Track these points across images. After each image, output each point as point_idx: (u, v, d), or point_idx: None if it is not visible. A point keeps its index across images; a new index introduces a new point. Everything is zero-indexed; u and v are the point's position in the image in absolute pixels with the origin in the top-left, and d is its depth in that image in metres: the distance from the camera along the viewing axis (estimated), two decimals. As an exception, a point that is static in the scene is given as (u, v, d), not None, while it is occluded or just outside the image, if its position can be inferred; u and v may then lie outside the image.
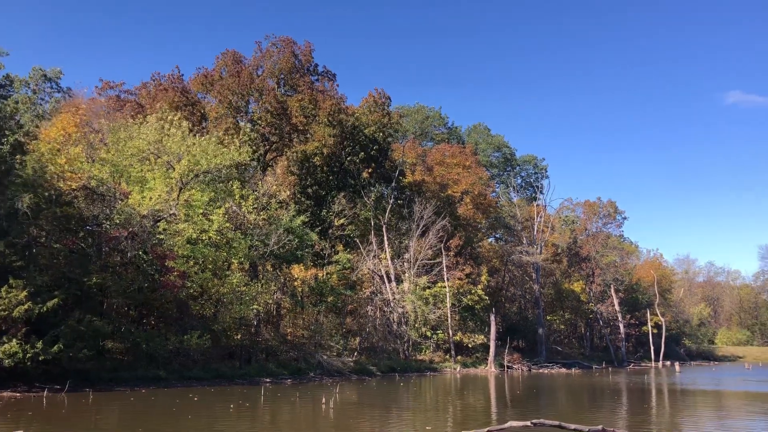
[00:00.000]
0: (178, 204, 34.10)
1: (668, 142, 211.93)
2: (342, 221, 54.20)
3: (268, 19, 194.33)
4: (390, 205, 61.37)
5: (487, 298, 62.34)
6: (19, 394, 25.26)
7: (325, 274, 49.35)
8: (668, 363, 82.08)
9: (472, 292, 60.35)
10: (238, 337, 40.03)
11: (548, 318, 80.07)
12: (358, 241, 58.27)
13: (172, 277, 31.55)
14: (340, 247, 53.61)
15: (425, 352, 57.03)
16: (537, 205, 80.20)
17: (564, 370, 63.14)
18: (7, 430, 16.44)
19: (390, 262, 58.34)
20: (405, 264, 59.19)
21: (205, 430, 17.69)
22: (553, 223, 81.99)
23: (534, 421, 15.84)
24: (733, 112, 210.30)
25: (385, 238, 59.40)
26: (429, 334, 56.61)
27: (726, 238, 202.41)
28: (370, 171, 60.54)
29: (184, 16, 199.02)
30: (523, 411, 23.00)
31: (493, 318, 59.22)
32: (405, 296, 56.07)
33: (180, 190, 35.14)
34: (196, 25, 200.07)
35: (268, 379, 37.11)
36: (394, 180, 61.90)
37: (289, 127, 51.91)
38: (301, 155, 54.63)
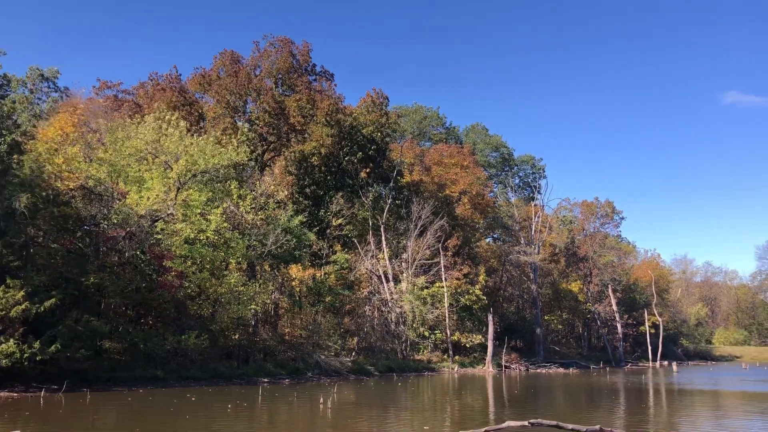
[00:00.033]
0: (175, 204, 34.09)
1: (666, 142, 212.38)
2: (340, 221, 54.20)
3: (267, 19, 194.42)
4: (388, 205, 61.34)
5: (485, 298, 62.38)
6: (16, 394, 25.23)
7: (323, 274, 49.33)
8: (666, 363, 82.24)
9: (470, 292, 60.39)
10: (236, 337, 40.06)
11: (546, 318, 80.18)
12: (356, 241, 58.23)
13: (170, 277, 31.53)
14: (338, 247, 53.56)
15: (423, 352, 57.03)
16: (535, 205, 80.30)
17: (562, 370, 63.22)
18: (5, 430, 16.42)
19: (388, 262, 58.34)
20: (403, 264, 59.17)
21: (202, 430, 17.68)
22: (551, 223, 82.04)
23: (531, 420, 15.86)
24: (730, 113, 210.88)
25: (383, 238, 59.39)
26: (427, 334, 56.62)
27: (723, 238, 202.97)
28: (368, 171, 60.53)
29: (183, 16, 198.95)
30: (521, 411, 23.02)
31: (490, 318, 59.32)
32: (403, 296, 56.05)
33: (178, 190, 35.13)
34: (195, 25, 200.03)
35: (265, 379, 37.09)
36: (392, 180, 61.94)
37: (287, 126, 51.92)
38: (298, 155, 54.63)
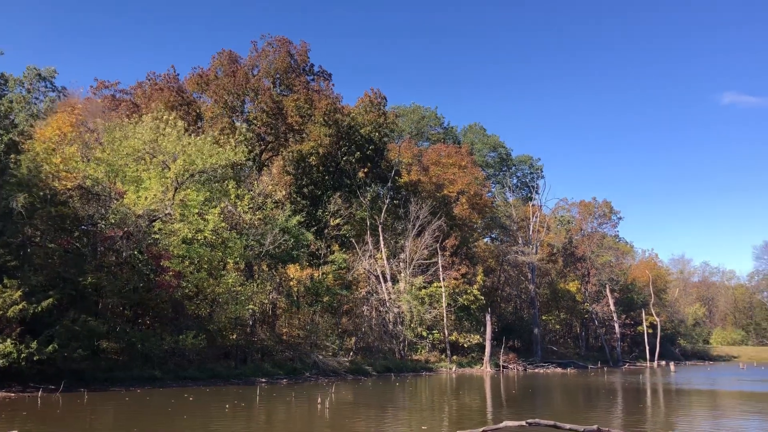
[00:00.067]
0: (173, 204, 34.04)
1: (663, 142, 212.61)
2: (338, 221, 54.17)
3: (266, 19, 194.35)
4: (386, 205, 61.32)
5: (483, 298, 62.44)
6: (13, 394, 25.19)
7: (320, 274, 49.32)
8: (663, 363, 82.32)
9: (468, 292, 60.41)
10: (234, 337, 40.01)
11: (544, 318, 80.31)
12: (353, 241, 58.19)
13: (168, 277, 31.47)
14: (335, 247, 53.55)
15: (421, 352, 57.03)
16: (532, 205, 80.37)
17: (559, 370, 63.27)
18: (2, 431, 16.39)
19: (386, 262, 58.34)
20: (401, 264, 59.18)
21: (200, 430, 17.66)
22: (549, 223, 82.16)
23: (529, 420, 15.89)
24: (728, 113, 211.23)
25: (381, 238, 59.40)
26: (425, 334, 56.63)
27: (721, 239, 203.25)
28: (366, 171, 60.50)
29: (181, 16, 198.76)
30: (519, 411, 23.04)
31: (488, 318, 59.36)
32: (401, 296, 56.04)
33: (175, 190, 35.09)
34: (193, 25, 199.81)
35: (263, 379, 37.07)
36: (390, 180, 61.93)
37: (285, 126, 51.90)
38: (296, 155, 54.59)
